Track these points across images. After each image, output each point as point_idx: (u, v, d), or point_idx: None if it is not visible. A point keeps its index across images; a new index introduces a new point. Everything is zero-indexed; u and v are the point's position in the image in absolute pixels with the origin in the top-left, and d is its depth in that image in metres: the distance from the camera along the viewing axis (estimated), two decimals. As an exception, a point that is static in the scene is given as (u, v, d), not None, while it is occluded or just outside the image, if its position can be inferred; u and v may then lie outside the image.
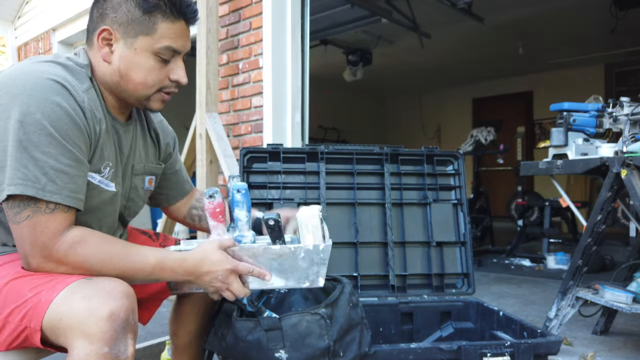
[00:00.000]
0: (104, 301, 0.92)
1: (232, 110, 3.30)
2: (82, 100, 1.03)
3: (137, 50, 1.09)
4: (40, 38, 5.09)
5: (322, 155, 1.96)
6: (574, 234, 4.82)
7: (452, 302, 1.86)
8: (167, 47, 1.10)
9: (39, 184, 0.95)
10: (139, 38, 1.09)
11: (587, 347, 2.16)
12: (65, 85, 1.01)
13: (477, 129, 5.23)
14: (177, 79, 1.15)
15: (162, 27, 1.09)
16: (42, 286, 0.97)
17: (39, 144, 0.95)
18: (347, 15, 4.43)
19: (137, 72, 1.10)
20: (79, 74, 1.08)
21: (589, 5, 4.89)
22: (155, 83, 1.13)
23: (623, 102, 2.12)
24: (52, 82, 0.99)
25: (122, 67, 1.10)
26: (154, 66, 1.11)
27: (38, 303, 0.95)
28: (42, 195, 0.96)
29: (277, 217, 1.12)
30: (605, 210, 1.99)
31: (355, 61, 6.00)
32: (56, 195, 0.97)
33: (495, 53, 6.65)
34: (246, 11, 3.21)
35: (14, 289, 0.99)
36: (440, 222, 1.99)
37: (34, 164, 0.95)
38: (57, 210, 0.98)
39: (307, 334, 1.14)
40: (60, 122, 0.98)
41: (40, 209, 0.97)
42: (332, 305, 1.20)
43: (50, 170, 0.96)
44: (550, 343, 1.38)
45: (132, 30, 1.08)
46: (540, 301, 3.02)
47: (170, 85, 1.16)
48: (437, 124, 9.08)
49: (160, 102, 1.17)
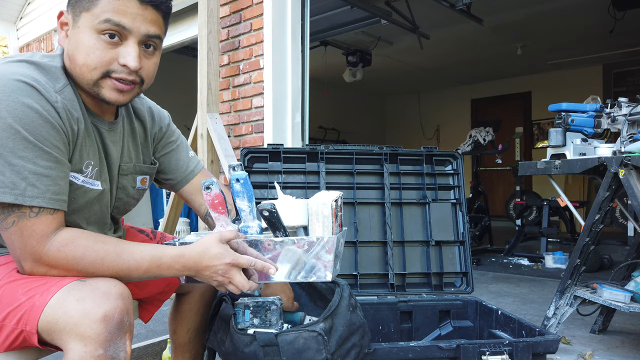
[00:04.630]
0: (98, 303, 0.91)
1: (233, 110, 3.31)
2: (54, 100, 0.98)
3: (80, 28, 1.01)
4: (43, 39, 5.10)
5: (322, 155, 1.97)
6: (572, 233, 4.84)
7: (451, 300, 1.88)
8: (106, 20, 0.99)
9: (18, 189, 0.93)
10: (82, 15, 1.01)
11: (585, 345, 2.18)
12: (34, 85, 0.96)
13: (476, 129, 5.24)
14: (124, 62, 1.02)
15: (103, 1, 0.99)
16: (36, 289, 0.96)
17: (14, 149, 0.92)
18: (347, 17, 4.44)
19: (79, 53, 1.01)
20: (53, 73, 1.03)
21: (588, 6, 4.90)
22: (98, 64, 1.01)
23: (621, 102, 2.13)
24: (20, 84, 0.94)
25: (69, 50, 1.03)
26: (94, 45, 1.00)
27: (32, 307, 0.94)
28: (23, 201, 0.93)
29: (272, 207, 1.07)
30: (603, 209, 2.01)
31: (355, 62, 6.01)
32: (38, 199, 0.95)
33: (494, 54, 6.67)
34: (247, 12, 3.22)
35: (7, 292, 0.98)
36: (439, 221, 2.01)
37: (11, 169, 0.92)
38: (42, 214, 0.96)
39: (304, 349, 1.14)
40: (34, 124, 0.94)
41: (24, 214, 0.95)
42: (332, 315, 1.19)
43: (29, 175, 0.94)
44: (548, 342, 1.39)
45: (78, 8, 1.02)
46: (539, 300, 3.03)
47: (120, 71, 1.03)
48: (436, 124, 9.09)
49: (113, 90, 1.04)
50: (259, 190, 1.94)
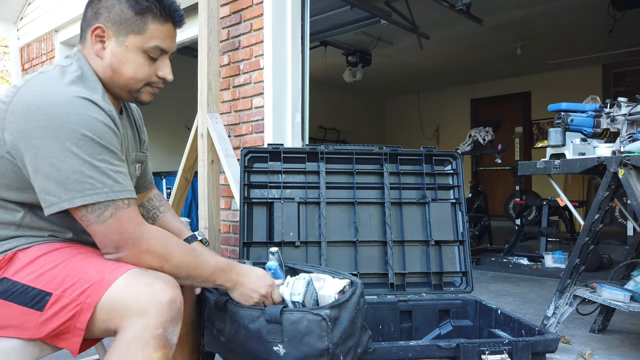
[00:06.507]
0: (164, 289, 1.03)
1: (233, 110, 3.31)
2: (108, 110, 1.12)
3: (128, 47, 1.19)
4: (43, 39, 5.10)
5: (322, 155, 1.98)
6: (572, 233, 4.84)
7: (451, 300, 1.88)
8: (155, 47, 1.20)
9: (107, 187, 1.05)
10: (130, 37, 1.19)
11: (584, 345, 2.18)
12: (91, 99, 1.09)
13: (476, 129, 5.25)
14: (163, 75, 1.25)
15: (152, 28, 1.19)
16: (107, 267, 1.07)
17: (92, 153, 1.05)
18: (347, 17, 4.44)
19: (127, 68, 1.20)
20: (92, 86, 1.17)
21: (587, 6, 4.91)
22: (144, 78, 1.23)
23: (620, 102, 2.13)
24: (81, 100, 1.08)
25: (114, 63, 1.20)
26: (143, 63, 1.21)
27: (102, 281, 1.03)
28: (115, 196, 1.06)
29: None
30: (602, 209, 2.01)
31: (355, 62, 6.01)
32: (125, 192, 1.08)
33: (493, 54, 6.67)
34: (247, 13, 3.22)
35: (77, 266, 1.08)
36: (439, 221, 2.01)
37: (97, 171, 1.05)
38: (131, 204, 1.09)
39: (306, 332, 1.13)
40: (102, 131, 1.07)
41: (119, 206, 1.07)
42: (340, 306, 1.19)
43: (112, 174, 1.07)
44: (548, 341, 1.40)
45: (124, 29, 1.18)
46: (538, 299, 3.04)
47: (158, 82, 1.26)
48: (436, 124, 9.09)
49: (149, 94, 1.27)
50: (259, 190, 1.94)
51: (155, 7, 1.18)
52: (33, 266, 1.09)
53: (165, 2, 1.20)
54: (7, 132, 1.06)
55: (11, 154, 1.07)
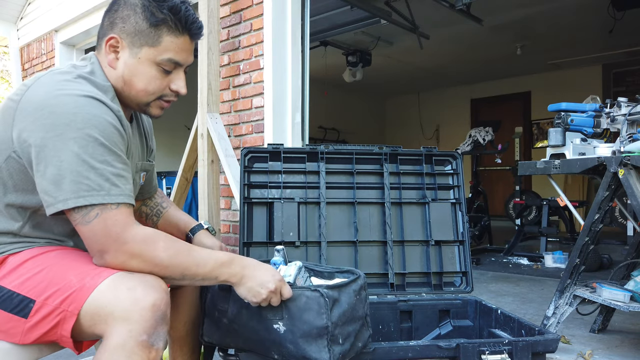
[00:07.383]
0: (148, 292, 0.99)
1: (233, 110, 3.32)
2: (117, 110, 1.11)
3: (141, 59, 1.17)
4: (43, 39, 5.10)
5: (322, 155, 1.98)
6: (572, 233, 4.84)
7: (451, 300, 1.88)
8: (169, 60, 1.18)
9: (104, 190, 1.03)
10: (144, 49, 1.16)
11: (584, 345, 2.18)
12: (100, 98, 1.08)
13: (476, 129, 5.25)
14: (177, 89, 1.22)
15: (167, 40, 1.16)
16: (88, 273, 1.04)
17: (94, 154, 1.03)
18: (347, 17, 4.45)
19: (139, 80, 1.18)
20: (102, 87, 1.15)
21: (587, 6, 4.91)
22: (156, 91, 1.20)
23: (620, 102, 2.13)
24: (88, 98, 1.06)
25: (126, 74, 1.18)
26: (155, 75, 1.19)
27: (82, 287, 1.01)
28: (110, 200, 1.03)
29: None
30: (602, 209, 2.01)
31: (355, 62, 6.01)
32: (121, 197, 1.05)
33: (493, 54, 6.67)
34: (247, 13, 3.22)
35: (58, 272, 1.05)
36: (439, 221, 2.01)
37: (95, 173, 1.02)
38: (122, 206, 1.05)
39: (305, 309, 1.14)
40: (107, 131, 1.06)
41: (106, 207, 1.03)
42: (340, 288, 1.19)
43: (111, 176, 1.04)
44: (548, 341, 1.40)
45: (138, 41, 1.16)
46: (538, 299, 3.04)
47: (170, 95, 1.23)
48: (436, 124, 9.09)
49: (159, 108, 1.25)
50: (259, 190, 1.94)
51: (171, 19, 1.16)
52: (21, 270, 1.07)
53: (181, 14, 1.17)
54: (16, 130, 1.06)
55: (17, 153, 1.07)
